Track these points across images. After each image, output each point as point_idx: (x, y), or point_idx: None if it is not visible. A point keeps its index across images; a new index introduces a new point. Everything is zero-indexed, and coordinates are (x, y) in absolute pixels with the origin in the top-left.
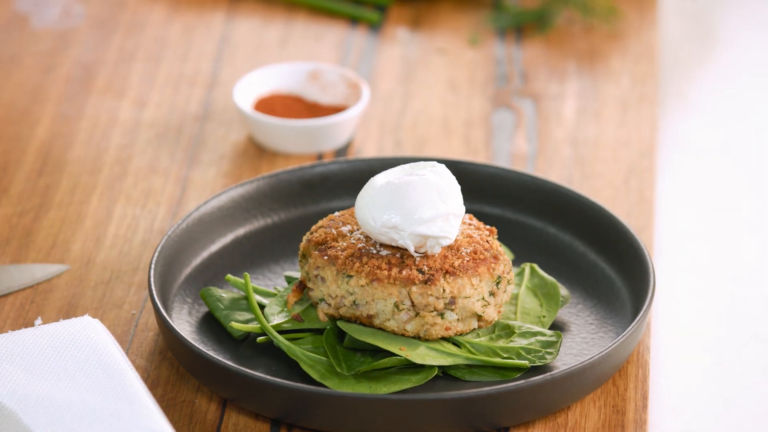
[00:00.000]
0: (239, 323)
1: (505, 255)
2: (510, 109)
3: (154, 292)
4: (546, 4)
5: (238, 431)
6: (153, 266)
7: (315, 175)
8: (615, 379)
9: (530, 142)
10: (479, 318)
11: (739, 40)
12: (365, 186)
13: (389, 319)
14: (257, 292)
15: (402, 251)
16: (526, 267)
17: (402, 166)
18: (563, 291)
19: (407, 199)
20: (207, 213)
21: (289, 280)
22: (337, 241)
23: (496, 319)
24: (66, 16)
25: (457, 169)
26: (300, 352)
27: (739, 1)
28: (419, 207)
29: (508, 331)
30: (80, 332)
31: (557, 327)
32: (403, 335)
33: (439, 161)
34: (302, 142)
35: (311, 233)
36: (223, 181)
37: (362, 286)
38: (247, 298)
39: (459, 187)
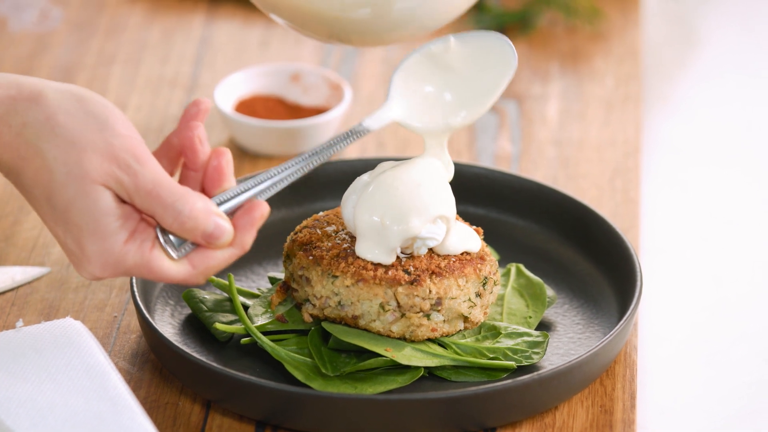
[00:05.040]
0: (223, 324)
1: (492, 256)
2: (493, 110)
3: (137, 294)
4: (528, 5)
5: None
6: None
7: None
8: (602, 379)
9: (514, 142)
10: (465, 319)
11: (721, 41)
12: (351, 185)
13: (375, 320)
14: (240, 293)
15: None
16: (512, 267)
17: (391, 162)
18: (549, 291)
19: (394, 198)
20: None
21: (273, 280)
22: (323, 242)
23: (482, 321)
24: (44, 19)
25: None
26: (284, 353)
27: (721, 3)
28: (406, 206)
29: (495, 332)
30: (62, 334)
31: (544, 327)
32: (388, 336)
33: None
34: (284, 143)
35: (296, 233)
36: None
37: (348, 286)
38: (230, 299)
39: (449, 188)
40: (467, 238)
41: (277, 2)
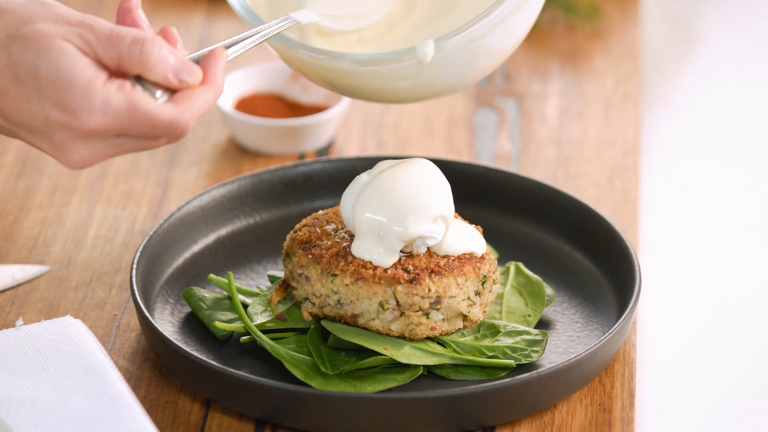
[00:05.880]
0: (222, 323)
1: (491, 254)
2: (493, 108)
3: (136, 292)
4: None
5: None
6: (135, 266)
7: (297, 174)
8: (601, 378)
9: (513, 141)
10: (464, 318)
11: (720, 41)
12: (351, 184)
13: (374, 319)
14: (240, 291)
15: None
16: (511, 266)
17: (389, 161)
18: (548, 290)
19: (394, 198)
20: (189, 213)
21: (273, 279)
22: (322, 240)
23: (481, 319)
24: None
25: (441, 168)
26: (284, 351)
27: (721, 2)
28: (406, 206)
29: (494, 330)
30: (62, 332)
31: (543, 326)
32: (387, 335)
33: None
34: (284, 142)
35: (295, 232)
36: (204, 181)
37: (347, 285)
38: (230, 297)
39: (449, 186)
40: (470, 240)
41: (314, 73)
